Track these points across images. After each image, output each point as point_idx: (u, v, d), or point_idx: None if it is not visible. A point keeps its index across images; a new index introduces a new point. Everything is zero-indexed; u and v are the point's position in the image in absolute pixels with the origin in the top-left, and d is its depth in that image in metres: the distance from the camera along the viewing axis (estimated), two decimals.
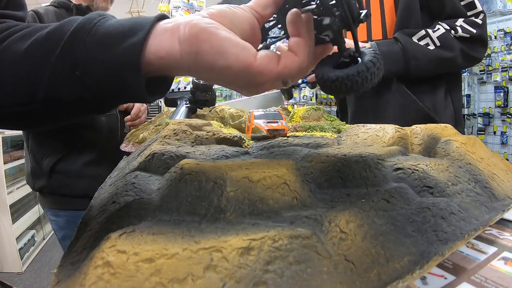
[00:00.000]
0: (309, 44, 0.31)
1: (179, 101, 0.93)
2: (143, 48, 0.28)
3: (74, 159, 1.07)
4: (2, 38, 0.31)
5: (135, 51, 0.28)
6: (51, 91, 0.29)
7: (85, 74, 0.28)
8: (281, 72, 0.29)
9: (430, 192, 0.34)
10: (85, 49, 0.28)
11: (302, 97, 4.25)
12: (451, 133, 0.50)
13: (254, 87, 0.30)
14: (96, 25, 0.29)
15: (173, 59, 0.29)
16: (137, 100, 0.32)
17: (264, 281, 0.21)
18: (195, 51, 0.28)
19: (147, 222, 0.27)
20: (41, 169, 1.06)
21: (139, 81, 0.28)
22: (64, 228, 1.09)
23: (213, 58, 0.28)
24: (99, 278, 0.20)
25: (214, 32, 0.28)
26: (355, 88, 0.33)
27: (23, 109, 0.30)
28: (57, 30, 0.30)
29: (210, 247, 0.22)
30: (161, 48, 0.28)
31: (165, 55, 0.28)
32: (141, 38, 0.28)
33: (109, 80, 0.29)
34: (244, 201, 0.29)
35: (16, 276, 2.25)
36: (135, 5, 5.10)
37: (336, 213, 0.28)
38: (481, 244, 0.31)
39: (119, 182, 0.37)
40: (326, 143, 0.51)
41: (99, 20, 0.30)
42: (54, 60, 0.29)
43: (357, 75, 0.32)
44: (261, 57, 0.28)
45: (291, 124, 0.70)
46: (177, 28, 0.29)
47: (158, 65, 0.29)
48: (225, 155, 0.44)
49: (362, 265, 0.24)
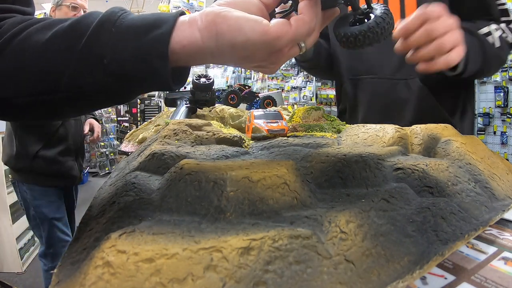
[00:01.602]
0: (315, 5, 0.33)
1: (179, 101, 0.93)
2: (169, 39, 0.31)
3: (51, 148, 1.52)
4: (20, 29, 0.32)
5: (163, 40, 0.30)
6: (76, 79, 0.31)
7: (113, 62, 0.30)
8: (296, 33, 0.32)
9: (430, 192, 0.34)
10: (112, 39, 0.31)
11: (302, 97, 4.25)
12: (451, 133, 0.50)
13: (275, 54, 0.33)
14: (120, 18, 0.32)
15: (195, 46, 0.31)
16: (161, 88, 0.34)
17: (264, 281, 0.21)
18: (215, 34, 0.31)
19: (147, 222, 0.27)
20: (27, 153, 1.47)
21: (166, 69, 0.31)
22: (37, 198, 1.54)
23: (232, 36, 0.31)
24: (99, 278, 0.20)
25: (228, 14, 0.31)
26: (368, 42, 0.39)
27: (48, 97, 0.32)
28: (80, 22, 0.32)
29: (210, 247, 0.22)
30: (183, 38, 0.31)
31: (188, 43, 0.31)
32: (168, 29, 0.31)
33: (138, 68, 0.31)
34: (244, 201, 0.29)
35: (16, 276, 2.25)
36: (135, 5, 5.10)
37: (336, 213, 0.28)
38: (481, 244, 0.31)
39: (119, 182, 0.37)
40: (326, 143, 0.51)
41: (122, 14, 0.32)
42: (80, 49, 0.30)
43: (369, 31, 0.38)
44: (274, 24, 0.31)
45: (291, 124, 0.70)
46: (194, 19, 0.32)
47: (182, 54, 0.32)
48: (225, 155, 0.44)
49: (362, 265, 0.24)
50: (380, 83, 0.88)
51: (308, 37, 0.34)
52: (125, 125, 5.61)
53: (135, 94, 0.35)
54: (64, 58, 0.31)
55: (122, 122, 5.59)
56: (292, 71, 4.73)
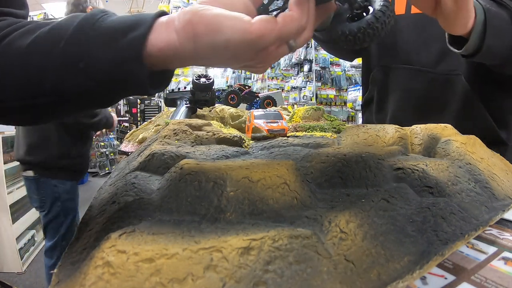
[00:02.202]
0: (306, 1, 0.31)
1: (179, 101, 0.93)
2: (145, 41, 0.29)
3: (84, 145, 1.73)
4: (4, 34, 0.32)
5: (138, 44, 0.29)
6: (58, 83, 0.30)
7: (89, 66, 0.29)
8: (282, 31, 0.29)
9: (430, 192, 0.34)
10: (88, 42, 0.29)
11: (302, 97, 4.25)
12: (451, 133, 0.50)
13: (261, 54, 0.31)
14: (99, 20, 0.31)
15: (172, 48, 0.30)
16: (139, 92, 0.33)
17: (264, 281, 0.21)
18: (192, 35, 0.29)
19: (147, 222, 0.27)
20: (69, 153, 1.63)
21: (143, 73, 0.30)
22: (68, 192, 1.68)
23: (210, 37, 0.29)
24: (99, 278, 0.20)
25: (205, 12, 0.29)
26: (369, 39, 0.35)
27: (33, 102, 0.31)
28: (61, 25, 0.31)
29: (210, 247, 0.22)
30: (160, 40, 0.30)
31: (165, 46, 0.30)
32: (143, 31, 0.29)
33: (115, 72, 0.30)
34: (244, 201, 0.29)
35: (16, 276, 2.25)
36: (135, 5, 5.10)
37: (336, 213, 0.28)
38: (481, 244, 0.31)
39: (119, 182, 0.37)
40: (326, 143, 0.51)
41: (101, 16, 0.31)
42: (59, 53, 0.30)
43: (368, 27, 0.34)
44: (257, 21, 0.29)
45: (291, 124, 0.70)
46: (172, 20, 0.30)
47: (160, 57, 0.30)
48: (225, 155, 0.44)
49: (362, 265, 0.24)
50: (417, 75, 0.73)
51: (298, 35, 0.32)
52: (125, 125, 5.62)
53: (119, 98, 0.34)
54: (45, 62, 0.30)
55: (122, 122, 5.60)
56: (292, 71, 4.73)
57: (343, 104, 4.24)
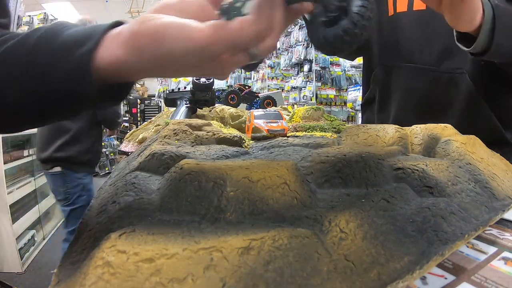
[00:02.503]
0: (270, 1, 0.28)
1: (179, 101, 0.93)
2: (91, 57, 0.28)
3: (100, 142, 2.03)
4: None
5: (85, 59, 0.28)
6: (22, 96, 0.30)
7: (48, 79, 0.29)
8: (235, 37, 0.27)
9: (430, 192, 0.34)
10: (44, 57, 0.29)
11: (302, 97, 4.25)
12: (451, 133, 0.50)
13: (214, 62, 0.28)
14: (57, 33, 0.30)
15: (121, 63, 0.29)
16: (90, 107, 0.32)
17: (264, 281, 0.21)
18: (137, 47, 0.28)
19: (147, 222, 0.27)
20: (93, 149, 1.91)
21: (91, 88, 0.29)
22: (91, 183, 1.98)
23: (155, 49, 0.27)
24: (99, 278, 0.20)
25: (151, 23, 0.27)
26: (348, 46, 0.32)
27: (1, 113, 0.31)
28: (28, 37, 0.31)
29: (210, 247, 0.22)
30: (108, 54, 0.29)
31: (113, 59, 0.29)
32: (92, 46, 0.28)
33: (67, 87, 0.29)
34: (244, 201, 0.29)
35: (16, 276, 2.24)
36: (135, 5, 5.10)
37: (336, 213, 0.28)
38: (481, 244, 0.31)
39: (119, 182, 0.37)
40: (326, 143, 0.51)
41: (61, 28, 0.31)
42: (22, 67, 0.29)
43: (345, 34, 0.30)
44: (205, 27, 0.27)
45: (291, 124, 0.70)
46: (119, 33, 0.29)
47: (109, 71, 0.29)
48: (225, 155, 0.44)
49: (362, 265, 0.24)
50: (419, 74, 0.71)
51: (259, 42, 0.28)
52: (125, 125, 5.62)
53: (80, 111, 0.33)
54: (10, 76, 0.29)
55: (122, 122, 5.60)
56: (292, 71, 4.73)
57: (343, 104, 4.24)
